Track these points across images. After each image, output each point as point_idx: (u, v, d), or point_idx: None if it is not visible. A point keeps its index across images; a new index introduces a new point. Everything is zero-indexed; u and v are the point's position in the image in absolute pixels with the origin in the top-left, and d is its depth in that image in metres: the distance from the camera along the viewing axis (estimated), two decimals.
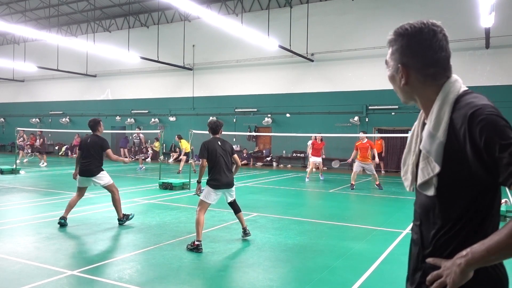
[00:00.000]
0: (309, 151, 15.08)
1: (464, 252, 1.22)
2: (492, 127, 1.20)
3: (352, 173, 12.40)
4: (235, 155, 6.09)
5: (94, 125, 6.93)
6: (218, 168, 5.73)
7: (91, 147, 6.80)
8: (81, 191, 6.87)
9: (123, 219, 6.76)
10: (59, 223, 6.55)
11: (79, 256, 5.19)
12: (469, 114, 1.25)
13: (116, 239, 6.02)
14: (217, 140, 5.92)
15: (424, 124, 1.43)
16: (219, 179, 5.70)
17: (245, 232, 6.05)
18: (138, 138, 18.25)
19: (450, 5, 17.52)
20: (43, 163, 18.33)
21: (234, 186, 5.99)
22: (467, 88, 1.39)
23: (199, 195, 5.81)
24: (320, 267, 4.84)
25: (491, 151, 1.18)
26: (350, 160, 12.87)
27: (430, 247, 1.38)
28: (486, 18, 12.80)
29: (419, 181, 1.39)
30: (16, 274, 4.38)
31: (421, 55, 1.39)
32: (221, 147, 5.84)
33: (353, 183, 12.26)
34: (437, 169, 1.32)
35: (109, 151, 6.85)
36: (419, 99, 1.43)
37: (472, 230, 1.30)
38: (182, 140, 16.62)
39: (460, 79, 1.43)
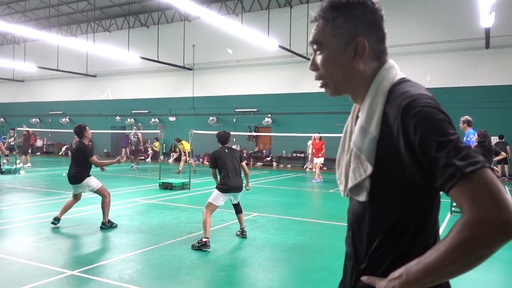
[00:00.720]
0: (309, 151, 15.14)
1: (397, 273, 1.02)
2: (428, 121, 0.99)
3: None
4: (243, 163, 6.21)
5: (79, 131, 6.78)
6: (226, 172, 5.91)
7: (75, 154, 6.78)
8: (76, 196, 6.87)
9: (106, 224, 6.63)
10: (52, 223, 6.55)
11: (79, 256, 5.19)
12: (403, 105, 1.04)
13: (116, 239, 6.02)
14: (224, 149, 6.13)
15: (357, 117, 1.22)
16: (228, 183, 5.86)
17: (242, 233, 6.18)
18: (136, 137, 17.87)
19: (450, 5, 17.52)
20: (25, 164, 17.28)
21: (242, 191, 6.15)
22: (403, 76, 1.19)
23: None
24: (320, 267, 4.84)
25: (427, 150, 0.98)
26: None
27: (364, 263, 1.19)
28: (486, 18, 12.80)
29: (350, 184, 1.18)
30: (16, 274, 4.38)
31: (377, 26, 1.18)
32: (228, 153, 6.05)
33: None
34: (369, 169, 1.12)
35: (93, 158, 6.73)
36: (358, 85, 1.20)
37: (410, 241, 1.11)
38: (183, 142, 16.54)
39: (397, 65, 1.22)
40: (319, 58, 1.21)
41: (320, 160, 14.57)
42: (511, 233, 0.90)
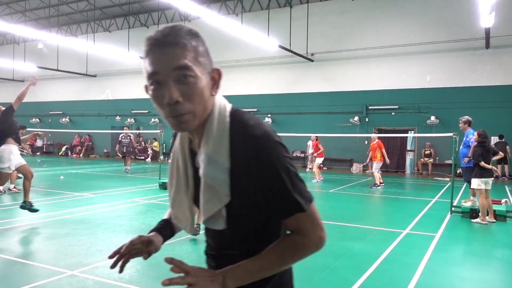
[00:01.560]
0: (309, 151, 15.20)
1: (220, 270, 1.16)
2: (276, 158, 1.10)
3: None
4: None
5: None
6: None
7: None
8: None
9: (27, 204, 6.93)
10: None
11: (79, 256, 5.19)
12: (254, 141, 1.10)
13: (116, 239, 6.02)
14: None
15: (191, 149, 1.24)
16: None
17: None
18: (128, 138, 16.49)
19: (450, 5, 17.52)
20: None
21: None
22: (228, 103, 1.23)
23: None
24: (320, 267, 4.84)
25: (275, 183, 1.11)
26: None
27: None
28: (486, 18, 12.80)
29: (206, 216, 1.19)
30: (16, 274, 4.38)
31: (210, 58, 1.20)
32: None
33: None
34: (225, 200, 1.15)
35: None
36: (203, 116, 1.15)
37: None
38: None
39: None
40: (186, 87, 1.09)
41: (319, 160, 14.54)
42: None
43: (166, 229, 1.55)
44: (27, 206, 6.92)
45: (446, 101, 17.59)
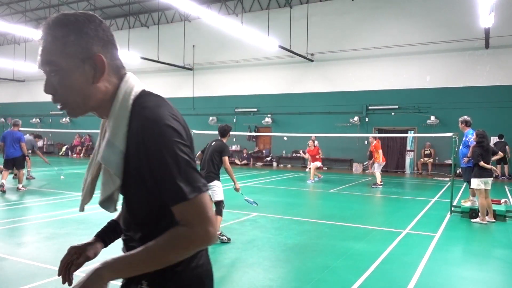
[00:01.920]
0: (306, 155, 15.43)
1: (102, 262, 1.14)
2: (162, 142, 1.09)
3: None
4: (224, 158, 6.09)
5: None
6: (201, 164, 6.21)
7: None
8: None
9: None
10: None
11: None
12: (144, 123, 1.11)
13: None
14: (213, 141, 6.30)
15: (106, 132, 1.24)
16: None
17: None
18: None
19: (450, 5, 17.52)
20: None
21: (216, 187, 5.98)
22: (143, 88, 1.24)
23: None
24: (320, 267, 4.85)
25: (159, 168, 1.09)
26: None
27: None
28: (486, 18, 12.81)
29: (101, 197, 1.22)
30: (16, 274, 4.39)
31: (110, 43, 1.21)
32: (210, 146, 6.23)
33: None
34: (117, 182, 1.17)
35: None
36: (102, 102, 1.20)
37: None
38: None
39: (135, 77, 1.26)
40: (55, 80, 1.15)
41: (318, 163, 14.42)
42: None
43: (108, 232, 1.55)
44: None
45: (446, 101, 17.60)
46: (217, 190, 6.05)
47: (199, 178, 1.13)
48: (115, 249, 1.49)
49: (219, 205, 5.99)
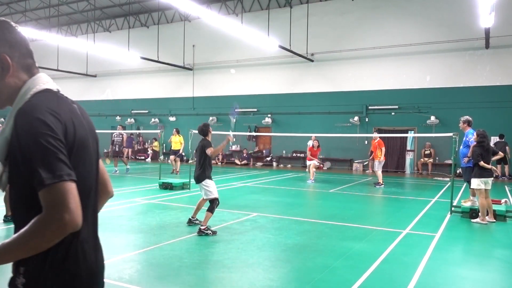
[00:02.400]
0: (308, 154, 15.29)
1: None
2: (30, 132, 1.21)
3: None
4: (206, 151, 6.48)
5: None
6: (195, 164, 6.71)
7: None
8: None
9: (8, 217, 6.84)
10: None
11: None
12: (19, 114, 1.26)
13: (116, 239, 6.02)
14: (199, 142, 6.72)
15: None
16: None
17: (191, 221, 6.78)
18: (120, 136, 16.23)
19: (450, 5, 17.52)
20: None
21: (208, 186, 6.42)
22: (50, 88, 1.39)
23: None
24: (320, 267, 4.84)
25: (25, 154, 1.21)
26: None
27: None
28: (486, 18, 12.81)
29: None
30: None
31: (18, 44, 1.38)
32: (198, 147, 6.62)
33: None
34: (1, 166, 1.31)
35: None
36: (12, 96, 1.37)
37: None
38: (180, 135, 16.33)
39: (46, 77, 1.43)
40: None
41: (314, 161, 14.40)
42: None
43: None
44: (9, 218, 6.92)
45: (446, 101, 17.59)
46: (210, 188, 6.39)
47: (63, 167, 1.21)
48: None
49: (213, 202, 6.36)
